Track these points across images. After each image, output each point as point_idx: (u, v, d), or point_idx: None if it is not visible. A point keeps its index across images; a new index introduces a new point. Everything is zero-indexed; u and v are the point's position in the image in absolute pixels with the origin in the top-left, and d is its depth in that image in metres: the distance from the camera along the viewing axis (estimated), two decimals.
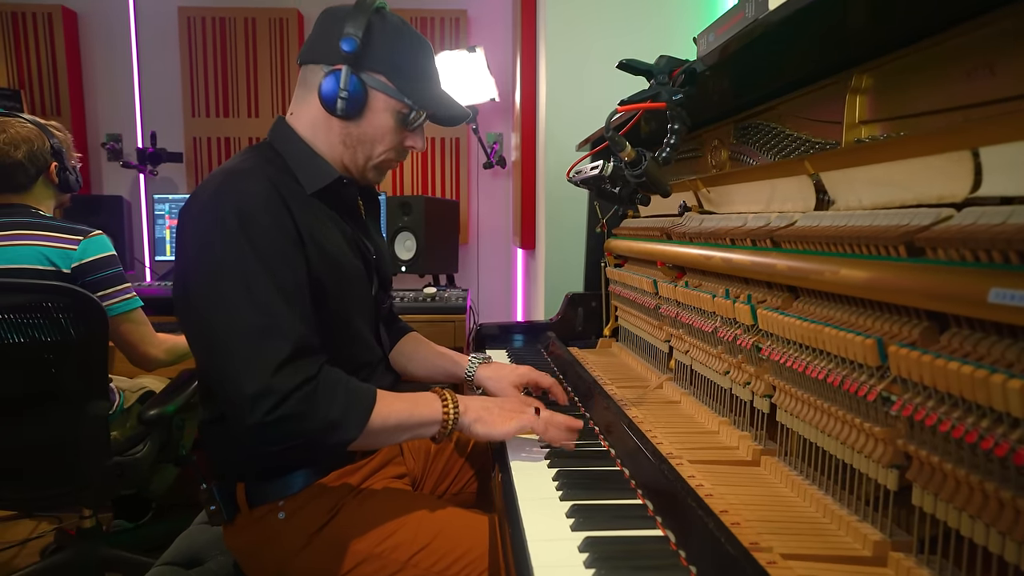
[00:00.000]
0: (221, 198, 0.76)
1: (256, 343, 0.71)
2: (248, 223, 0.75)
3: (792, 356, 0.69)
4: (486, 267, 3.07)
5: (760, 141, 0.97)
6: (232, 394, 0.71)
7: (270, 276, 0.74)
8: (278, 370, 0.71)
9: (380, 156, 0.90)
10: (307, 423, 0.72)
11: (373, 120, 0.87)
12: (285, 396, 0.70)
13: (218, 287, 0.74)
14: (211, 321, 0.73)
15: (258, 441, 0.71)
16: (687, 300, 1.00)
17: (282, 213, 0.78)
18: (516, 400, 0.91)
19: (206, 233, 0.75)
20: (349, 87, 0.82)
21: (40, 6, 2.80)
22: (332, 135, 0.88)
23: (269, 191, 0.78)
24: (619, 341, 1.55)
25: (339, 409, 0.74)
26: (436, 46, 2.81)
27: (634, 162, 0.75)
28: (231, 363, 0.71)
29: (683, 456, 0.80)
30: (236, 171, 0.80)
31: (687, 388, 1.07)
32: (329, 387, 0.75)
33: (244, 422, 0.70)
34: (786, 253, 0.73)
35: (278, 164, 0.86)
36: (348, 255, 0.88)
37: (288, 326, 0.73)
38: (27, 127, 1.34)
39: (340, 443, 0.75)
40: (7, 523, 1.99)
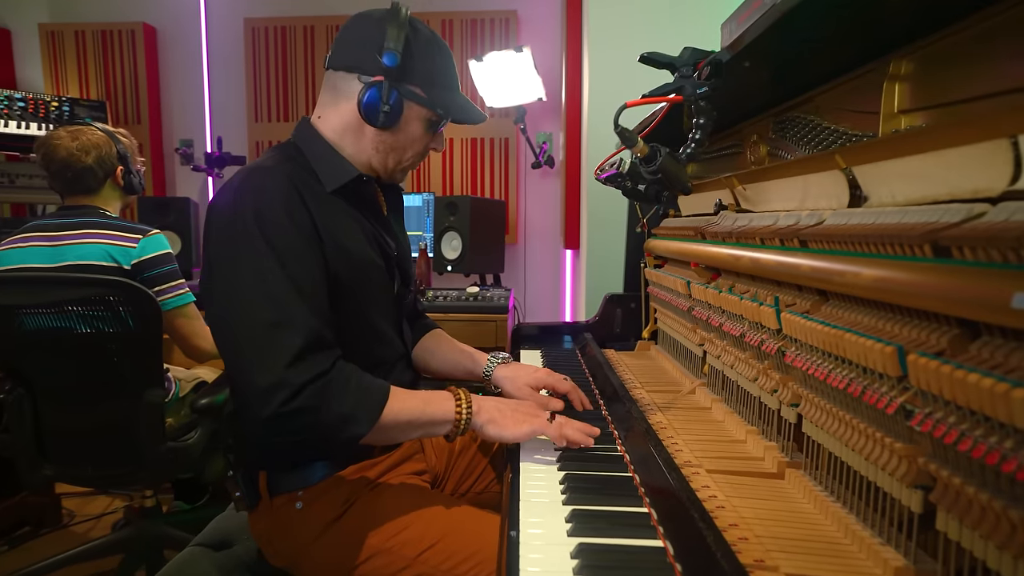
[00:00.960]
0: (240, 195, 0.79)
1: (270, 336, 0.73)
2: (264, 219, 0.77)
3: (815, 363, 0.65)
4: (534, 267, 3.06)
5: (798, 135, 0.91)
6: (246, 386, 0.73)
7: (285, 271, 0.76)
8: (291, 363, 0.73)
9: (408, 160, 0.95)
10: (320, 417, 0.74)
11: (407, 129, 0.90)
12: (298, 389, 0.72)
13: (234, 281, 0.77)
14: (228, 314, 0.76)
15: (271, 433, 0.74)
16: (717, 302, 0.96)
17: (299, 210, 0.80)
18: (532, 403, 0.90)
19: (225, 228, 0.78)
20: (390, 100, 0.85)
21: (124, 24, 3.03)
22: (364, 141, 0.91)
23: (287, 188, 0.80)
24: (658, 344, 1.51)
25: (351, 404, 0.76)
26: (485, 47, 2.84)
27: (648, 158, 0.73)
28: (245, 356, 0.74)
29: (702, 465, 0.77)
30: (257, 168, 0.83)
31: (719, 394, 1.02)
32: (342, 382, 0.76)
33: (258, 414, 0.72)
34: (812, 253, 0.68)
35: (300, 163, 0.88)
36: (368, 252, 0.90)
37: (302, 320, 0.75)
38: (97, 134, 1.46)
39: (351, 438, 0.76)
40: (87, 498, 2.17)
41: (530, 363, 1.42)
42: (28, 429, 1.40)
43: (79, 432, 1.41)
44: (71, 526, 2.01)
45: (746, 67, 0.81)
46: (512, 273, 3.01)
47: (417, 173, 3.03)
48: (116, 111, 3.03)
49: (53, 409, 1.41)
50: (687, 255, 1.14)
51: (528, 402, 0.90)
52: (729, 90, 0.87)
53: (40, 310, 1.27)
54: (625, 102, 0.70)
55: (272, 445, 0.79)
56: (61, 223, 1.41)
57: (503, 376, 1.05)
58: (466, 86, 2.91)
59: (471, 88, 2.81)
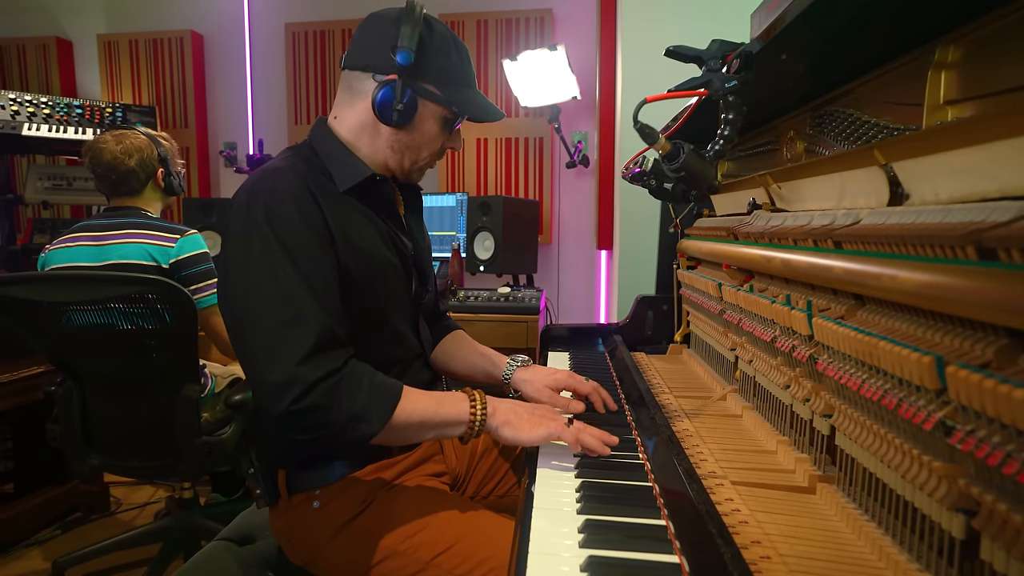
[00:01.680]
0: (253, 195, 0.80)
1: (282, 334, 0.74)
2: (275, 218, 0.78)
3: (848, 372, 0.61)
4: (568, 268, 3.03)
5: (837, 130, 0.87)
6: (258, 383, 0.74)
7: (296, 269, 0.76)
8: (303, 361, 0.73)
9: (424, 159, 0.94)
10: (331, 415, 0.74)
11: (421, 127, 0.89)
12: (309, 387, 0.72)
13: (246, 279, 0.77)
14: (241, 312, 0.77)
15: (283, 430, 0.74)
16: (748, 305, 0.91)
17: (311, 209, 0.80)
18: (549, 406, 0.88)
19: (239, 228, 0.79)
20: (404, 99, 0.84)
21: (173, 32, 3.16)
22: (379, 140, 0.90)
23: (299, 188, 0.81)
24: (690, 348, 1.46)
25: (362, 403, 0.75)
26: (520, 46, 2.82)
27: (670, 155, 0.70)
28: (258, 353, 0.75)
29: (727, 476, 0.73)
30: (271, 169, 0.84)
31: (750, 402, 0.98)
32: (354, 381, 0.76)
33: (271, 411, 0.73)
34: (846, 255, 0.64)
35: (314, 163, 0.88)
36: (383, 251, 0.89)
37: (313, 318, 0.75)
38: (140, 138, 1.52)
39: (362, 437, 0.76)
40: (134, 487, 2.26)
41: (558, 366, 1.40)
42: (76, 420, 1.46)
43: (122, 424, 1.46)
44: (118, 513, 2.10)
45: (778, 58, 0.77)
46: (545, 274, 2.99)
47: (451, 173, 3.04)
48: (165, 116, 3.16)
49: (99, 401, 1.47)
50: (719, 256, 1.10)
51: (546, 405, 0.88)
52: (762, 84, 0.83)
53: (85, 307, 1.33)
54: (645, 97, 0.68)
55: (286, 442, 0.80)
56: (106, 223, 1.47)
57: (522, 379, 1.04)
58: (500, 86, 2.91)
59: (505, 88, 2.81)
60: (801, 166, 0.85)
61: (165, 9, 3.24)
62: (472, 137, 2.99)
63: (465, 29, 2.94)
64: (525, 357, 1.10)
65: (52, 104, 2.61)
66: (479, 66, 2.96)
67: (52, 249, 1.47)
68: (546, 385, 1.00)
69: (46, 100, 2.61)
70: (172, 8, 3.23)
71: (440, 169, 3.05)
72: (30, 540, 1.90)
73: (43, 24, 3.40)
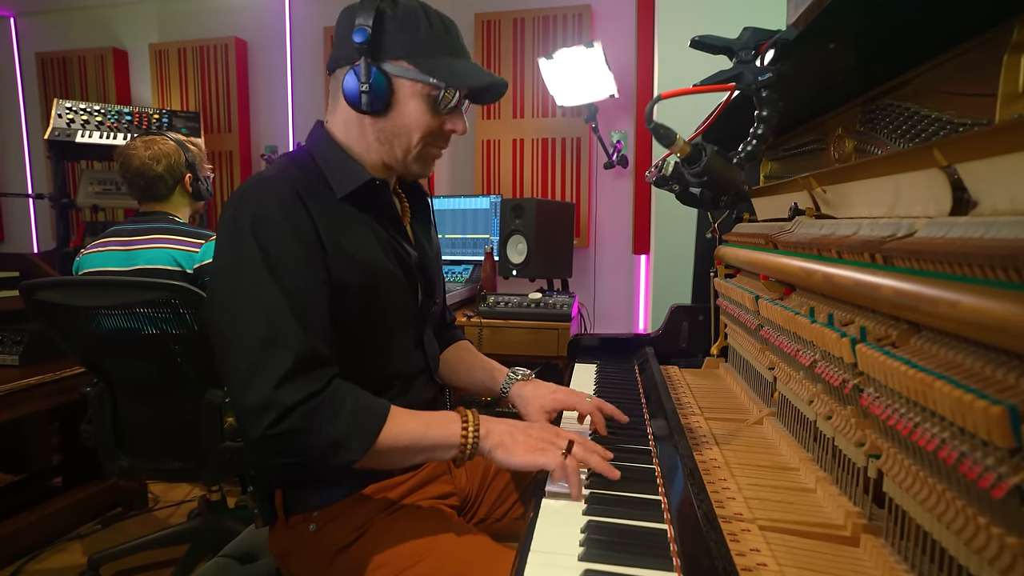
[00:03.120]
0: (240, 204, 0.76)
1: (260, 353, 0.70)
2: (260, 228, 0.74)
3: (898, 412, 0.52)
4: (606, 273, 2.93)
5: (891, 126, 0.77)
6: (236, 405, 0.71)
7: (280, 284, 0.72)
8: (280, 383, 0.69)
9: (419, 146, 0.85)
10: (310, 440, 0.69)
11: (403, 110, 0.83)
12: (287, 411, 0.68)
13: (228, 293, 0.74)
14: (221, 326, 0.74)
15: (259, 455, 0.70)
16: (785, 323, 0.82)
17: (300, 218, 0.76)
18: (547, 429, 0.80)
19: (223, 239, 0.76)
20: (370, 79, 0.79)
21: (219, 39, 3.24)
22: (366, 134, 0.85)
23: (288, 196, 0.77)
24: (727, 362, 1.36)
25: (343, 427, 0.71)
26: (558, 44, 2.74)
27: (690, 158, 0.62)
28: (236, 372, 0.71)
29: (756, 519, 0.65)
30: (261, 178, 0.80)
31: (789, 428, 0.89)
32: (336, 403, 0.72)
33: (247, 435, 0.69)
34: (897, 273, 0.55)
35: (310, 169, 0.84)
36: (382, 261, 0.85)
37: (294, 337, 0.71)
38: (169, 144, 1.53)
39: (343, 463, 0.71)
40: (172, 484, 2.32)
41: (584, 377, 1.33)
42: (107, 422, 1.49)
43: (149, 427, 1.48)
44: (155, 510, 2.15)
45: (820, 46, 0.68)
46: (582, 279, 2.91)
47: (487, 175, 3.00)
48: (209, 120, 3.24)
49: (128, 404, 1.50)
50: (755, 266, 1.01)
51: (543, 427, 0.81)
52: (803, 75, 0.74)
53: (113, 311, 1.34)
54: (659, 93, 0.60)
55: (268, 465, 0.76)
56: (135, 228, 1.50)
57: (519, 395, 0.97)
58: (537, 86, 2.84)
59: (541, 88, 2.74)
60: (849, 168, 0.76)
61: (211, 17, 3.33)
62: (508, 138, 2.94)
63: (501, 28, 2.89)
64: (526, 371, 1.03)
65: (103, 112, 2.72)
66: (515, 66, 2.90)
67: (86, 253, 1.50)
68: (542, 407, 0.93)
69: (98, 108, 2.72)
70: (218, 16, 3.32)
71: (475, 171, 3.01)
72: (72, 534, 1.97)
73: (102, 36, 3.55)
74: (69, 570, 1.74)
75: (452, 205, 2.77)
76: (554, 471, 0.73)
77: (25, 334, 1.89)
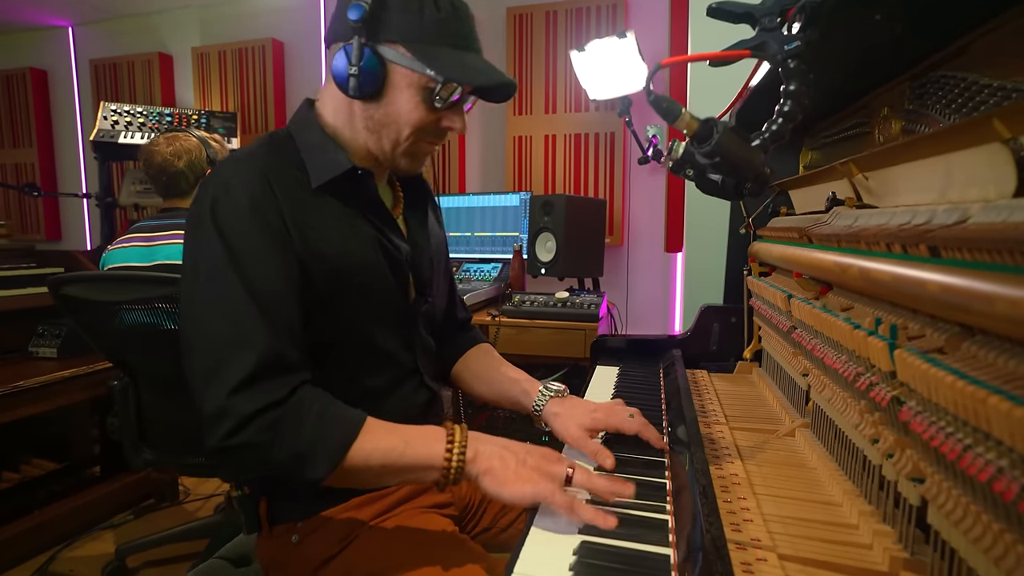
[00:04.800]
0: (205, 186, 0.71)
1: (217, 356, 0.65)
2: (222, 218, 0.68)
3: (944, 431, 0.43)
4: (639, 272, 2.83)
5: (945, 100, 0.67)
6: (198, 410, 0.66)
7: (242, 276, 0.67)
8: (237, 391, 0.63)
9: (409, 140, 0.78)
10: (272, 454, 0.64)
11: (396, 98, 0.75)
12: (243, 421, 0.63)
13: (190, 288, 0.69)
14: (182, 323, 0.69)
15: (222, 467, 0.66)
16: (818, 325, 0.73)
17: (266, 207, 0.70)
18: (549, 452, 0.71)
19: (188, 223, 0.72)
20: (361, 61, 0.72)
21: (256, 41, 3.30)
22: (355, 120, 0.78)
23: (254, 182, 0.71)
24: (762, 368, 1.26)
25: (306, 441, 0.64)
26: (592, 37, 2.66)
27: (699, 135, 0.54)
28: (194, 375, 0.66)
29: (776, 546, 0.57)
30: (231, 160, 0.74)
31: (823, 442, 0.80)
32: (300, 414, 0.65)
33: (206, 443, 0.65)
34: (946, 266, 0.46)
35: (287, 152, 0.78)
36: (362, 255, 0.79)
37: (257, 339, 0.66)
38: (191, 140, 1.54)
39: (309, 481, 0.65)
40: (202, 478, 2.35)
41: (604, 381, 1.26)
42: (131, 416, 1.51)
43: (171, 421, 1.49)
44: (185, 503, 2.19)
45: (856, 12, 0.59)
46: (614, 279, 2.82)
47: (518, 172, 2.94)
48: (246, 121, 3.30)
49: (151, 398, 1.51)
50: (787, 262, 0.91)
51: (545, 452, 0.71)
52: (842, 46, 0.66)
53: (134, 306, 1.35)
54: (660, 61, 0.53)
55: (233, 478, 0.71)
56: (156, 224, 1.51)
57: (553, 412, 0.88)
58: (569, 80, 2.77)
59: (574, 82, 2.67)
60: (892, 148, 0.67)
61: (250, 19, 3.40)
62: (540, 134, 2.88)
63: (533, 22, 2.83)
64: (561, 386, 0.93)
65: (146, 113, 2.80)
66: (547, 60, 2.84)
67: (111, 249, 1.53)
68: (579, 425, 0.83)
69: (141, 110, 2.80)
70: (256, 18, 3.38)
71: (506, 168, 2.96)
72: (106, 523, 2.02)
73: (149, 42, 3.68)
74: (101, 558, 1.78)
75: (481, 203, 2.73)
76: (556, 501, 0.64)
77: (64, 328, 1.95)
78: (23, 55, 4.03)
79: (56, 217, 4.10)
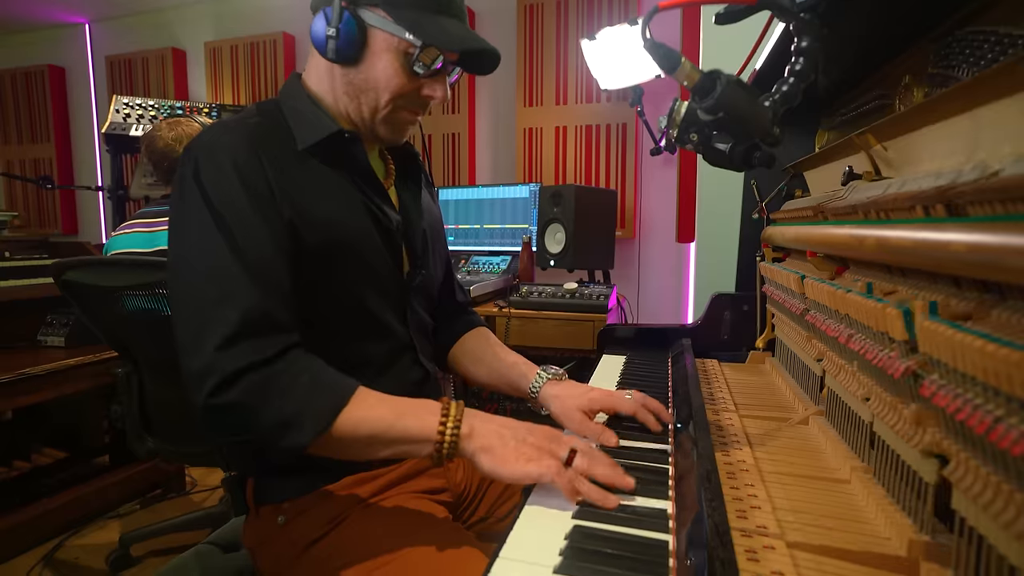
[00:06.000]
0: (189, 153, 0.70)
1: (206, 314, 0.63)
2: (208, 179, 0.67)
3: (970, 403, 0.39)
4: (652, 264, 2.78)
5: (972, 58, 0.62)
6: (183, 370, 0.65)
7: (228, 240, 0.66)
8: (223, 346, 0.62)
9: (387, 107, 0.77)
10: (256, 418, 0.62)
11: (374, 63, 0.74)
12: (229, 379, 0.61)
13: (176, 250, 0.69)
14: (170, 284, 0.68)
15: (206, 428, 0.64)
16: (832, 302, 0.69)
17: (250, 169, 0.69)
18: (552, 431, 0.69)
19: (175, 192, 0.71)
20: (340, 24, 0.71)
21: (268, 35, 3.30)
22: (336, 85, 0.78)
23: (240, 145, 0.70)
24: (775, 357, 1.21)
25: (295, 404, 0.62)
26: (603, 24, 2.62)
27: (701, 87, 0.50)
28: (181, 335, 0.65)
29: (784, 533, 0.53)
30: (215, 125, 0.74)
31: (838, 429, 0.75)
32: (289, 375, 0.64)
33: (194, 404, 0.63)
34: (972, 223, 0.42)
35: (274, 118, 0.77)
36: (352, 221, 0.77)
37: (242, 296, 0.64)
38: (193, 126, 1.53)
39: (292, 448, 0.63)
40: (210, 469, 2.35)
41: (610, 370, 1.22)
42: (135, 403, 1.50)
43: (172, 409, 1.48)
44: (191, 494, 2.19)
45: None
46: (625, 272, 2.77)
47: (528, 163, 2.90)
48: None
49: (155, 386, 1.50)
50: (801, 241, 0.87)
51: (546, 431, 0.68)
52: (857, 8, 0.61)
53: (134, 292, 1.34)
54: (658, 3, 0.49)
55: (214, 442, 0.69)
56: (159, 210, 1.50)
57: (551, 395, 0.86)
58: (580, 71, 2.73)
59: (585, 72, 2.63)
60: (914, 110, 0.62)
61: (262, 14, 3.40)
62: (551, 126, 2.84)
63: (544, 12, 2.79)
64: (558, 369, 0.92)
65: (157, 107, 2.81)
66: (557, 51, 2.80)
67: (114, 235, 1.52)
68: (578, 407, 0.81)
69: (152, 103, 2.81)
70: (267, 12, 3.39)
71: (516, 159, 2.93)
72: (113, 512, 2.02)
73: (163, 37, 3.71)
74: (106, 547, 1.78)
75: (490, 194, 2.70)
76: (557, 481, 0.61)
77: (72, 317, 1.95)
78: (41, 52, 4.09)
79: (72, 211, 4.15)
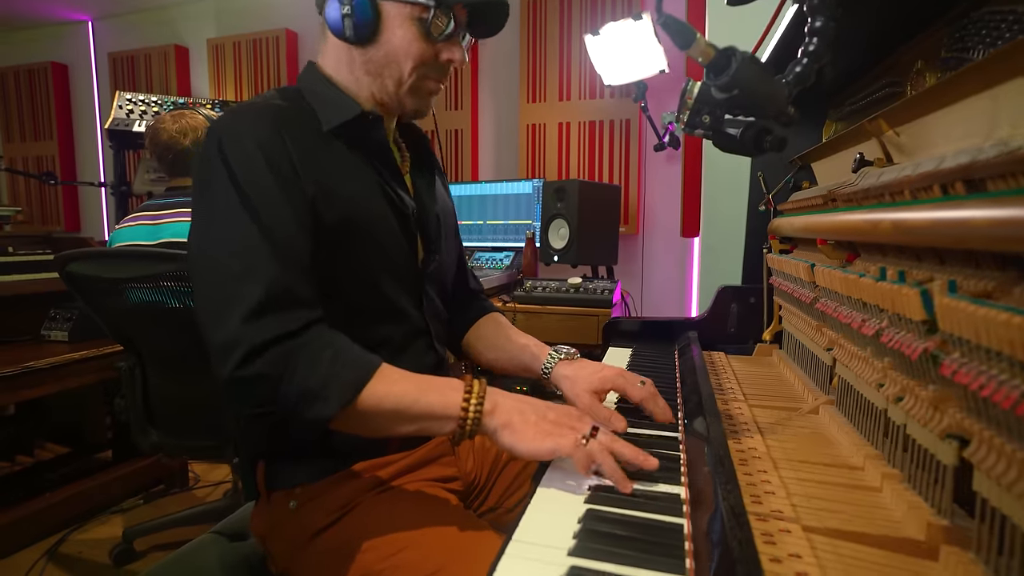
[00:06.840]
0: (212, 133, 0.70)
1: (230, 289, 0.63)
2: (232, 159, 0.68)
3: (994, 379, 0.39)
4: (656, 260, 2.77)
5: (988, 40, 0.62)
6: (207, 344, 0.65)
7: (252, 217, 0.66)
8: (248, 318, 0.62)
9: (412, 76, 0.78)
10: (282, 388, 0.62)
11: (392, 37, 0.75)
12: (257, 349, 0.61)
13: (199, 228, 0.69)
14: (192, 262, 0.68)
15: (230, 400, 0.64)
16: (844, 288, 0.68)
17: (274, 148, 0.69)
18: (573, 412, 0.69)
19: (197, 171, 0.71)
20: (353, 3, 0.72)
21: (271, 31, 3.30)
22: (356, 67, 0.79)
23: (263, 125, 0.70)
24: (782, 348, 1.21)
25: (321, 376, 0.62)
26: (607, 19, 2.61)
27: (715, 64, 0.50)
28: (205, 311, 0.65)
29: (800, 518, 0.52)
30: (239, 107, 0.74)
31: (850, 417, 0.74)
32: (315, 348, 0.64)
33: (218, 376, 0.63)
34: (992, 199, 0.41)
35: (297, 102, 0.78)
36: (372, 204, 0.77)
37: (266, 271, 0.64)
38: (197, 118, 1.53)
39: (316, 419, 0.63)
40: (214, 464, 2.35)
41: (616, 362, 1.21)
42: (138, 396, 1.50)
43: (176, 403, 1.48)
44: (195, 489, 2.19)
45: None
46: (629, 267, 2.76)
47: (532, 159, 2.90)
48: None
49: (158, 379, 1.50)
50: (811, 230, 0.86)
51: (568, 409, 0.69)
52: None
53: (138, 284, 1.34)
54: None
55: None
56: (162, 203, 1.50)
57: (563, 375, 0.86)
58: (584, 66, 2.72)
59: (589, 68, 2.62)
60: (927, 92, 0.61)
61: (265, 10, 3.40)
62: (554, 122, 2.84)
63: (548, 8, 2.79)
64: (570, 349, 0.92)
65: (160, 103, 2.80)
66: (561, 47, 2.79)
67: (118, 228, 1.52)
68: (588, 388, 0.81)
69: (155, 99, 2.81)
70: (270, 9, 3.39)
71: (519, 154, 2.92)
72: (116, 508, 2.02)
73: (166, 34, 3.71)
74: (109, 541, 1.78)
75: (493, 190, 2.70)
76: (576, 454, 0.61)
77: (75, 312, 1.95)
78: (45, 49, 4.09)
79: (75, 208, 4.15)
